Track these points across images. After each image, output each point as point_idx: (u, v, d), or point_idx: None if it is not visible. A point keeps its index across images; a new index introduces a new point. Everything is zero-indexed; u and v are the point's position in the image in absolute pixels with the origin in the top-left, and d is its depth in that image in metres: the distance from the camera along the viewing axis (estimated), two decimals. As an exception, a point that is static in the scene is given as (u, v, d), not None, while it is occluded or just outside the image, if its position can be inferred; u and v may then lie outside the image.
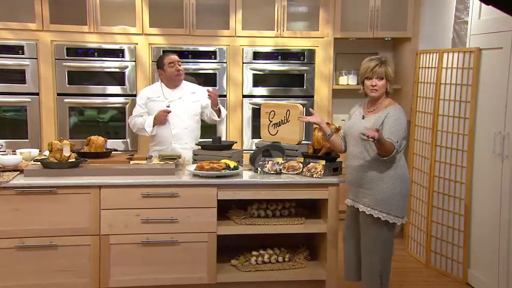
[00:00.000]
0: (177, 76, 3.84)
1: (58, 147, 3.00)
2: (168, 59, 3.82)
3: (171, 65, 3.81)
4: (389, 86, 2.88)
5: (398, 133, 2.78)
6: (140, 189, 2.94)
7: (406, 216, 2.94)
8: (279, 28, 4.86)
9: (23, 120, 4.60)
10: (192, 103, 3.89)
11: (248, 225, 3.11)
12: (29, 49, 4.54)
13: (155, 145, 3.83)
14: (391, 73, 2.87)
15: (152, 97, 3.86)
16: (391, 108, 2.85)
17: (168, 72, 3.82)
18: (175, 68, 3.81)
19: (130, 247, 2.98)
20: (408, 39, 5.05)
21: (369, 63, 2.88)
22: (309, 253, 3.35)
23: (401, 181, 2.84)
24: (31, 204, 2.86)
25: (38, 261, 2.90)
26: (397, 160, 2.84)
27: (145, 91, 3.96)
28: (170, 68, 3.81)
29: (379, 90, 2.86)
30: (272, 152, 3.29)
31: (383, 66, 2.85)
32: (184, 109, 3.84)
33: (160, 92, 3.87)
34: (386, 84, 2.87)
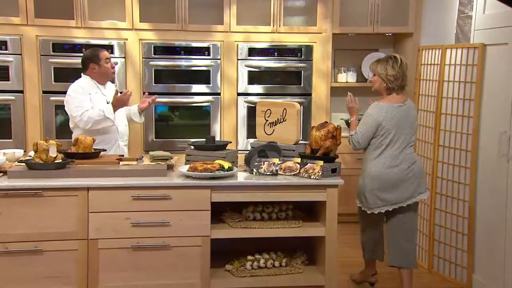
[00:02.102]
0: (112, 73, 3.88)
1: (44, 147, 2.98)
2: (105, 55, 3.81)
3: (107, 61, 3.81)
4: (382, 83, 3.29)
5: (359, 126, 3.31)
6: (130, 191, 2.93)
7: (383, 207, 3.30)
8: (275, 23, 4.87)
9: (7, 119, 4.58)
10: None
11: (243, 228, 3.11)
12: (12, 44, 4.51)
13: (99, 144, 3.68)
14: (380, 71, 3.27)
15: (91, 93, 3.76)
16: (373, 104, 3.34)
17: (104, 67, 3.80)
18: (111, 64, 3.83)
19: (120, 252, 2.96)
20: (409, 34, 5.07)
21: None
22: (307, 258, 3.35)
23: (370, 178, 3.28)
24: (15, 207, 2.84)
25: (22, 267, 2.88)
26: (371, 159, 3.30)
27: (81, 86, 3.76)
28: (107, 64, 3.81)
29: (373, 85, 3.38)
30: (268, 152, 3.28)
31: (374, 63, 3.34)
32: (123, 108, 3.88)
33: (96, 88, 3.82)
34: (378, 80, 3.31)
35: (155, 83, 4.77)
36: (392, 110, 3.23)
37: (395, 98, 3.29)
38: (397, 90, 3.29)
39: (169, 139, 4.86)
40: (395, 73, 3.24)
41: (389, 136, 3.23)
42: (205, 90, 4.84)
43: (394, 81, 3.25)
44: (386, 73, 3.25)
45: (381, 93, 3.34)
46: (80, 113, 3.65)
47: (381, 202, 3.28)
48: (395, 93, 3.29)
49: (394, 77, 3.24)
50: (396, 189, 3.24)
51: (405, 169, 3.23)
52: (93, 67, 3.78)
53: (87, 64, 3.80)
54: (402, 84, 3.30)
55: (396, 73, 3.24)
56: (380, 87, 3.31)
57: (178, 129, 4.93)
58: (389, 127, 3.22)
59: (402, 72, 3.27)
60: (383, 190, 3.25)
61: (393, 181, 3.23)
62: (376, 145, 3.27)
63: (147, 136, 4.82)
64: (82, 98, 3.70)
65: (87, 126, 3.67)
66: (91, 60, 3.78)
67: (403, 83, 3.30)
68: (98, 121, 3.66)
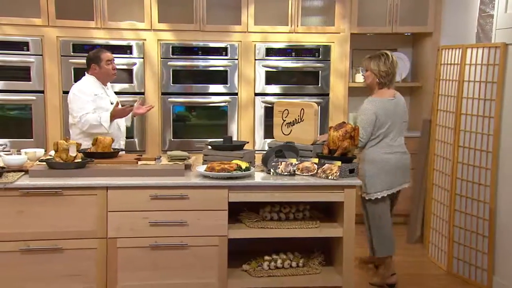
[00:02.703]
0: (113, 75, 3.92)
1: (64, 146, 3.02)
2: (107, 56, 3.85)
3: (108, 62, 3.85)
4: (376, 78, 3.52)
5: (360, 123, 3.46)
6: (148, 191, 2.95)
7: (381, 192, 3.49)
8: (293, 23, 4.86)
9: (28, 119, 4.65)
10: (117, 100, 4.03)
11: (260, 228, 3.11)
12: (34, 45, 4.58)
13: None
14: (373, 67, 3.50)
15: (97, 93, 3.83)
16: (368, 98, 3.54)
17: (104, 69, 3.85)
18: (112, 66, 3.88)
19: (138, 251, 2.99)
20: (429, 34, 5.01)
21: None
22: (324, 258, 3.34)
23: (369, 163, 3.45)
24: (36, 205, 2.88)
25: (43, 265, 2.92)
26: (367, 147, 3.50)
27: (86, 87, 3.82)
28: (108, 66, 3.85)
29: (365, 80, 3.63)
30: (285, 152, 3.28)
31: (367, 60, 3.57)
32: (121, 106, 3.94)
33: (101, 89, 3.88)
34: (370, 75, 3.53)
35: (173, 83, 4.80)
36: (385, 104, 3.48)
37: (387, 93, 3.53)
38: (388, 85, 3.53)
39: (187, 139, 4.89)
40: (386, 69, 3.49)
41: (384, 128, 3.46)
42: (223, 90, 4.86)
43: (386, 76, 3.50)
44: (379, 69, 3.49)
45: (373, 88, 3.58)
46: (81, 114, 3.73)
47: (380, 187, 3.46)
48: (386, 88, 3.53)
49: (386, 73, 3.49)
50: (393, 175, 3.48)
51: (399, 157, 3.51)
52: (94, 67, 3.85)
53: (89, 64, 3.88)
54: (392, 80, 3.55)
55: (387, 69, 3.49)
56: (372, 82, 3.55)
57: (195, 129, 4.95)
58: (384, 119, 3.45)
59: (393, 68, 3.52)
60: (382, 174, 3.46)
61: (391, 165, 3.47)
62: (373, 136, 3.49)
63: (165, 136, 4.85)
64: (86, 99, 3.75)
65: (84, 128, 3.77)
66: (93, 60, 3.86)
67: (393, 78, 3.56)
68: (94, 126, 3.73)
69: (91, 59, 3.87)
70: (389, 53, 3.54)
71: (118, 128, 3.92)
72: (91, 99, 3.77)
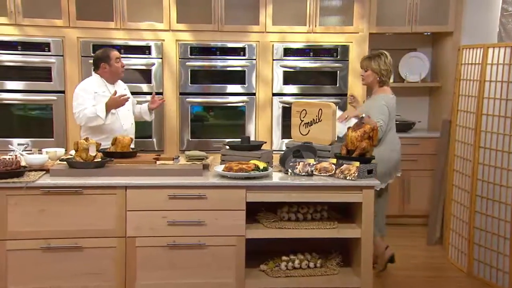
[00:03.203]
0: (122, 72, 3.93)
1: (84, 146, 3.06)
2: (115, 54, 3.87)
3: (117, 60, 3.86)
4: (377, 77, 3.70)
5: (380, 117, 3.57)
6: (166, 190, 2.97)
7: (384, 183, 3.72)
8: (311, 23, 4.85)
9: (49, 119, 4.72)
10: (130, 98, 4.01)
11: (278, 228, 3.11)
12: (55, 46, 4.65)
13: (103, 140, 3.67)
14: (375, 66, 3.68)
15: (98, 92, 3.82)
16: (382, 96, 3.69)
17: (114, 67, 3.86)
18: (121, 64, 3.89)
19: (156, 250, 3.01)
20: (449, 33, 4.96)
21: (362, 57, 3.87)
22: (342, 259, 3.33)
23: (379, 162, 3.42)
24: (56, 204, 2.92)
25: (63, 263, 2.96)
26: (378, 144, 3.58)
27: (88, 86, 3.83)
28: (117, 64, 3.86)
29: (365, 80, 3.78)
30: (303, 152, 3.27)
31: (367, 60, 3.74)
32: (128, 104, 3.94)
33: (104, 87, 3.88)
34: (371, 75, 3.70)
35: (191, 83, 4.82)
36: (392, 99, 3.74)
37: (389, 89, 3.78)
38: (387, 83, 3.76)
39: (205, 139, 4.91)
40: (386, 67, 3.71)
41: (390, 122, 3.70)
42: (240, 91, 4.87)
43: (386, 75, 3.71)
44: (380, 67, 3.69)
45: (373, 87, 3.79)
46: (79, 110, 3.74)
47: (385, 179, 3.71)
48: (386, 85, 3.76)
49: (386, 71, 3.71)
50: (393, 168, 3.77)
51: (399, 152, 3.81)
52: (104, 66, 3.86)
53: (98, 64, 3.88)
54: (390, 77, 3.82)
55: (387, 68, 3.71)
56: (373, 81, 3.75)
57: (213, 129, 4.97)
58: (392, 115, 3.71)
59: (391, 67, 3.75)
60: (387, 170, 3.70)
61: (395, 160, 3.75)
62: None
63: (183, 136, 4.88)
64: (86, 96, 3.76)
65: (82, 123, 3.79)
66: (102, 60, 3.86)
67: (391, 76, 3.84)
68: (90, 118, 3.70)
69: (100, 59, 3.88)
70: (385, 52, 3.76)
71: (121, 127, 3.86)
72: (91, 97, 3.76)
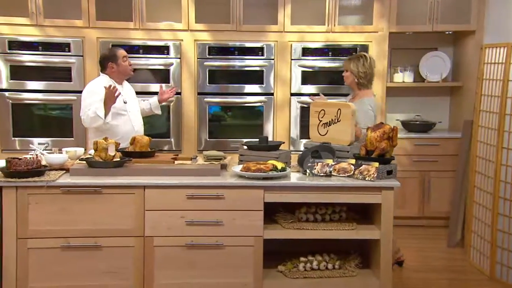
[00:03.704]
0: (130, 71, 3.91)
1: (103, 146, 3.09)
2: (122, 53, 3.84)
3: (125, 59, 3.84)
4: (355, 79, 3.73)
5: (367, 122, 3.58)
6: (184, 190, 2.99)
7: None
8: (330, 22, 4.83)
9: (69, 119, 4.78)
10: (136, 99, 4.03)
11: (296, 229, 3.10)
12: (75, 46, 4.71)
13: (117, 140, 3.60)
14: (353, 68, 3.71)
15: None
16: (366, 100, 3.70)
17: (122, 66, 3.84)
18: (128, 62, 3.87)
19: (174, 250, 3.03)
20: (471, 32, 4.90)
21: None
22: (361, 261, 3.31)
23: None
24: (76, 203, 2.96)
25: (82, 261, 3.00)
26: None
27: (96, 87, 3.76)
28: (124, 62, 3.84)
29: (345, 80, 3.81)
30: (321, 153, 3.26)
31: (347, 61, 3.78)
32: (137, 105, 3.96)
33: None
34: (350, 76, 3.74)
35: (209, 83, 4.84)
36: (374, 101, 3.80)
37: (371, 91, 3.82)
38: (367, 85, 3.77)
39: (222, 139, 4.93)
40: (365, 70, 3.71)
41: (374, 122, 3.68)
42: (258, 90, 4.87)
43: (364, 77, 3.72)
44: (358, 70, 3.71)
45: (353, 88, 3.82)
46: (83, 112, 3.72)
47: None
48: (368, 88, 3.78)
49: (364, 74, 3.71)
50: None
51: None
52: (111, 66, 3.83)
53: (105, 64, 3.85)
54: (371, 80, 3.80)
55: (366, 70, 3.71)
56: (352, 82, 3.77)
57: (231, 129, 4.98)
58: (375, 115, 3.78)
59: (371, 69, 3.75)
60: None
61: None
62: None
63: (201, 136, 4.90)
64: (93, 99, 3.67)
65: (86, 124, 3.77)
66: (110, 59, 3.83)
67: (372, 79, 3.80)
68: (92, 118, 3.64)
69: (107, 58, 3.84)
70: (367, 54, 3.78)
71: (132, 128, 3.84)
72: (100, 98, 3.67)
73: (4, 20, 4.65)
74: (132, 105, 3.92)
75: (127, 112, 3.85)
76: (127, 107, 3.85)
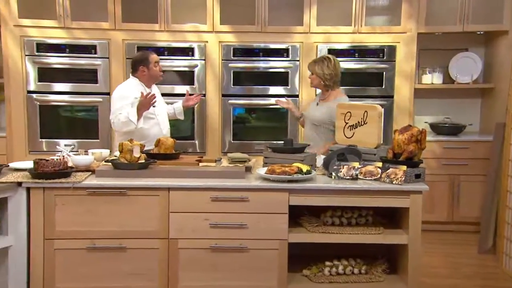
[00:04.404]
0: (161, 76, 3.94)
1: (128, 147, 3.14)
2: (154, 58, 3.87)
3: (156, 64, 3.87)
4: (321, 81, 3.80)
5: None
6: (209, 192, 3.01)
7: None
8: (356, 23, 4.80)
9: (95, 120, 4.87)
10: (164, 103, 4.07)
11: (321, 233, 3.09)
12: (101, 48, 4.80)
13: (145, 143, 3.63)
14: (318, 70, 3.78)
15: (138, 97, 3.75)
16: (341, 98, 3.81)
17: (153, 71, 3.86)
18: (159, 67, 3.89)
19: (199, 252, 3.05)
20: (504, 32, 4.81)
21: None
22: (388, 266, 3.27)
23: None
24: (102, 205, 3.01)
25: (108, 263, 3.04)
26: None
27: (126, 90, 3.83)
28: (156, 67, 3.87)
29: (312, 82, 3.89)
30: (347, 156, 3.24)
31: (312, 64, 3.84)
32: (165, 109, 3.99)
33: (143, 91, 3.82)
34: (316, 78, 3.81)
35: (233, 85, 4.87)
36: (348, 100, 3.87)
37: (340, 91, 3.92)
38: (333, 87, 3.83)
39: (247, 141, 4.95)
40: (330, 72, 3.77)
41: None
42: (283, 92, 4.87)
43: (330, 79, 3.78)
44: (323, 72, 3.77)
45: (321, 89, 3.91)
46: (114, 115, 3.76)
47: None
48: (335, 89, 3.85)
49: (330, 76, 3.77)
50: None
51: None
52: (143, 69, 3.87)
53: (137, 67, 3.89)
54: (337, 81, 3.86)
55: (331, 72, 3.77)
56: (318, 84, 3.85)
57: (255, 131, 5.00)
58: None
59: (336, 71, 3.81)
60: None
61: None
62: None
63: (225, 138, 4.93)
64: (124, 103, 3.73)
65: (116, 128, 3.82)
66: (142, 62, 3.87)
67: (338, 80, 3.86)
68: (124, 123, 3.69)
69: (139, 61, 3.89)
70: (331, 56, 3.85)
71: (160, 131, 3.89)
72: (130, 102, 3.73)
73: (33, 22, 4.77)
74: (160, 109, 3.96)
75: (156, 116, 3.89)
76: (156, 111, 3.89)
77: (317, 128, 3.84)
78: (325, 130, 3.81)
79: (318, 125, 3.82)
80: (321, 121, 3.81)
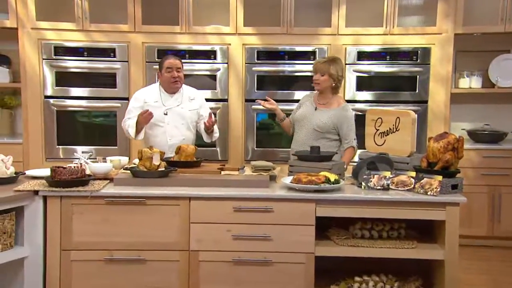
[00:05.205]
0: (173, 83, 3.87)
1: (148, 155, 3.18)
2: (167, 63, 3.84)
3: (168, 70, 3.84)
4: (333, 83, 3.73)
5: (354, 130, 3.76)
6: (231, 202, 3.03)
7: None
8: (388, 24, 4.79)
9: (113, 126, 4.93)
10: (190, 111, 3.96)
11: (350, 246, 3.08)
12: (120, 51, 4.87)
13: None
14: (333, 71, 3.69)
15: (149, 101, 3.87)
16: (347, 106, 3.81)
17: (164, 77, 3.87)
18: (171, 74, 3.84)
19: (220, 265, 3.06)
20: (549, 32, 4.73)
21: (317, 60, 3.89)
22: (422, 283, 3.23)
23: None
24: (120, 214, 3.05)
25: (126, 275, 3.08)
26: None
27: (141, 93, 3.98)
28: (167, 73, 3.85)
29: (320, 85, 3.74)
30: (378, 164, 3.23)
31: (325, 64, 3.71)
32: (182, 118, 3.92)
33: (158, 97, 3.90)
34: (328, 80, 3.70)
35: (257, 89, 4.89)
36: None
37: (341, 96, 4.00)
38: (338, 90, 3.84)
39: (271, 149, 4.95)
40: (342, 73, 3.79)
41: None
42: (310, 97, 4.87)
43: (340, 81, 3.79)
44: (337, 73, 3.73)
45: (325, 92, 3.79)
46: (124, 119, 3.94)
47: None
48: (338, 93, 3.86)
49: (341, 77, 3.80)
50: None
51: None
52: (159, 74, 3.95)
53: (159, 71, 3.97)
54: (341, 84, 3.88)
55: (342, 74, 3.81)
56: (328, 87, 3.76)
57: (280, 138, 5.00)
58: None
59: (343, 72, 3.92)
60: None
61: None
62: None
63: (248, 145, 4.95)
64: (134, 104, 3.91)
65: (126, 133, 3.94)
66: (159, 67, 3.95)
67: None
68: (127, 131, 3.87)
69: (159, 66, 3.97)
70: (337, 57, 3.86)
71: (166, 142, 3.89)
72: (139, 106, 3.86)
73: (51, 25, 4.87)
74: (172, 118, 3.91)
75: (165, 124, 3.91)
76: (166, 119, 3.90)
77: (318, 134, 3.74)
78: (327, 136, 3.76)
79: (320, 131, 3.73)
80: (324, 127, 3.73)
